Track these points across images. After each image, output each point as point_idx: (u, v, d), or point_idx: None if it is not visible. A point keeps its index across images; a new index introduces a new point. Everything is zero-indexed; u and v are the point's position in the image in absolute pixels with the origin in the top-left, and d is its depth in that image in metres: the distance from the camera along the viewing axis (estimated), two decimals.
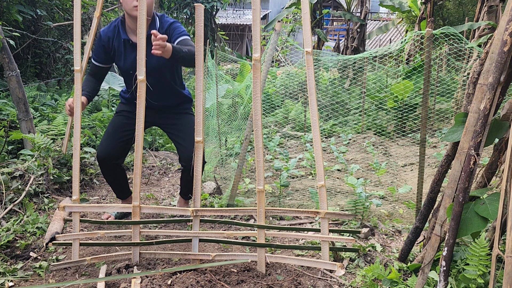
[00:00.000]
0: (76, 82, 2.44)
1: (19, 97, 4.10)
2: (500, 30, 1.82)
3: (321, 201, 2.30)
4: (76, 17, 2.38)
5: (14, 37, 5.96)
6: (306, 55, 2.26)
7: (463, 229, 1.86)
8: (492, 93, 1.78)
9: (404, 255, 2.42)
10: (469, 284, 1.89)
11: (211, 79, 6.09)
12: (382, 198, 3.79)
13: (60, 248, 2.69)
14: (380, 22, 21.23)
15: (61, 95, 7.07)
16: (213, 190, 3.87)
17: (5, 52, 4.00)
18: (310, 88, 2.26)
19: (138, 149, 2.37)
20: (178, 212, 2.49)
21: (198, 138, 2.36)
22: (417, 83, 7.06)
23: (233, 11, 20.90)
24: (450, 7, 14.86)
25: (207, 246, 2.77)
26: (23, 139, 4.21)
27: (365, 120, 7.47)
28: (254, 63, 2.25)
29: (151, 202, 3.73)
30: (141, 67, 2.37)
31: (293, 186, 4.14)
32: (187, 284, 2.19)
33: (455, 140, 2.04)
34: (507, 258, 1.59)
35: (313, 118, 2.27)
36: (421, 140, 3.04)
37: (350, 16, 11.89)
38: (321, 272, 2.38)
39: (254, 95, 2.29)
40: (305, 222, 3.18)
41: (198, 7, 2.26)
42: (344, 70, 10.18)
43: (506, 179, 1.68)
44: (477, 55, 7.48)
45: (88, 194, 3.89)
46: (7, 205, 3.14)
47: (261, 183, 2.29)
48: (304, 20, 2.27)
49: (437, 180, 2.25)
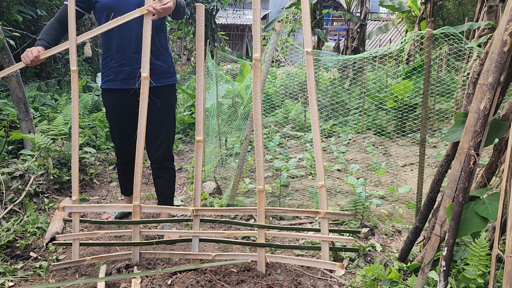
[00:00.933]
0: (73, 83, 2.42)
1: (19, 97, 4.10)
2: (500, 30, 1.82)
3: (321, 201, 2.30)
4: (71, 16, 2.37)
5: (14, 37, 5.97)
6: (306, 55, 2.26)
7: (463, 229, 1.86)
8: (492, 93, 1.78)
9: (404, 255, 2.42)
10: (469, 284, 1.89)
11: (211, 79, 6.09)
12: (382, 198, 3.79)
13: (60, 248, 2.69)
14: (380, 22, 21.23)
15: (61, 95, 7.07)
16: (213, 190, 3.87)
17: (5, 52, 4.00)
18: (310, 88, 2.26)
19: (139, 147, 2.37)
20: (178, 211, 2.49)
21: (199, 137, 2.36)
22: (417, 83, 7.06)
23: (233, 11, 20.90)
24: (450, 7, 14.85)
25: (207, 246, 2.77)
26: (23, 139, 4.21)
27: (365, 120, 7.47)
28: (254, 62, 2.26)
29: (151, 202, 3.73)
30: (146, 64, 2.37)
31: (293, 186, 4.14)
32: (187, 284, 2.19)
33: (455, 140, 2.04)
34: (507, 258, 1.60)
35: (313, 118, 2.28)
36: (421, 140, 3.04)
37: (350, 16, 11.88)
38: (321, 272, 2.38)
39: (255, 95, 2.29)
40: (305, 222, 3.18)
41: (199, 6, 2.27)
42: (344, 70, 10.18)
43: (506, 179, 1.68)
44: (477, 55, 7.48)
45: (88, 194, 3.89)
46: (7, 205, 3.15)
47: (261, 182, 2.29)
48: (304, 20, 2.27)
49: (437, 180, 2.25)
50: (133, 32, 2.62)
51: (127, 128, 2.85)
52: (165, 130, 2.79)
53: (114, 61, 2.70)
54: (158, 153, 2.80)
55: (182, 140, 6.71)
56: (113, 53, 2.69)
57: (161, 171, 2.87)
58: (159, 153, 2.80)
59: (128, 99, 2.74)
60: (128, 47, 2.65)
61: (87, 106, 6.41)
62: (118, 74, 2.71)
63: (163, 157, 2.83)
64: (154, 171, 2.90)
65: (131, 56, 2.66)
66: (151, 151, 2.85)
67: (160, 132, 2.74)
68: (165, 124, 2.78)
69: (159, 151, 2.80)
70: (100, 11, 2.67)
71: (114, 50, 2.68)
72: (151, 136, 2.78)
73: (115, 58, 2.69)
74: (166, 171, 2.88)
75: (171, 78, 2.79)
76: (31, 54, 2.43)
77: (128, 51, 2.65)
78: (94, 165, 4.35)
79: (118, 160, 3.04)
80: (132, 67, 2.67)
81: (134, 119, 2.78)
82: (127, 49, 2.65)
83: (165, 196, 2.92)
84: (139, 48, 2.60)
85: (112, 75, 2.73)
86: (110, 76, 2.74)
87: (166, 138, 2.80)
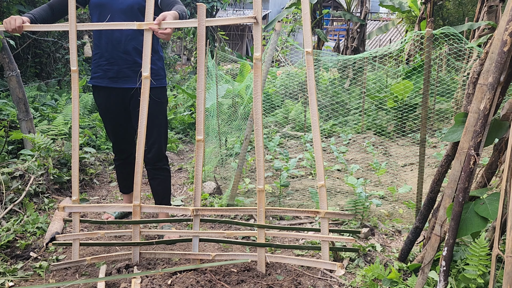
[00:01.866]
0: (74, 83, 2.41)
1: (19, 97, 4.10)
2: (500, 30, 1.82)
3: (321, 201, 2.30)
4: (71, 16, 2.37)
5: (14, 37, 5.97)
6: (306, 55, 2.26)
7: (463, 229, 1.86)
8: (492, 93, 1.78)
9: (404, 255, 2.42)
10: (469, 284, 1.89)
11: (211, 79, 6.09)
12: (382, 198, 3.79)
13: (60, 248, 2.69)
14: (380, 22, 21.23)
15: (61, 95, 7.07)
16: (213, 190, 3.87)
17: (5, 52, 4.00)
18: (310, 88, 2.26)
19: (139, 146, 2.37)
20: (178, 211, 2.49)
21: (199, 137, 2.36)
22: (417, 83, 7.06)
23: (233, 11, 20.89)
24: (450, 7, 14.85)
25: (207, 246, 2.77)
26: (23, 139, 4.21)
27: (365, 120, 7.47)
28: (255, 62, 2.25)
29: (150, 202, 3.73)
30: (146, 63, 2.37)
31: (293, 186, 4.14)
32: (187, 284, 2.19)
33: (455, 140, 2.04)
34: (507, 258, 1.60)
35: (313, 118, 2.27)
36: (421, 140, 3.04)
37: (350, 16, 11.89)
38: (321, 272, 2.38)
39: (255, 94, 2.29)
40: (305, 222, 3.18)
41: (200, 6, 2.26)
42: (344, 70, 10.18)
43: (506, 179, 1.68)
44: (477, 55, 7.48)
45: (88, 194, 3.89)
46: (7, 205, 3.14)
47: (261, 182, 2.29)
48: (304, 20, 2.27)
49: (437, 180, 2.25)
50: (123, 32, 2.62)
51: (118, 126, 2.88)
52: (156, 132, 2.78)
53: (103, 59, 2.70)
54: (150, 154, 2.80)
55: (182, 140, 6.71)
56: (102, 51, 2.69)
57: (156, 172, 2.87)
58: (151, 154, 2.80)
59: (117, 98, 2.76)
60: (117, 47, 2.65)
61: (87, 106, 6.41)
62: (107, 72, 2.71)
63: (156, 158, 2.83)
64: (148, 173, 2.90)
65: (119, 56, 2.66)
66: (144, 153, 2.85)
67: (151, 133, 2.73)
68: (156, 126, 2.78)
69: (151, 152, 2.80)
70: (93, 8, 2.68)
71: (104, 48, 2.68)
72: (150, 131, 2.77)
73: (104, 56, 2.69)
74: (160, 172, 2.88)
75: (160, 80, 2.78)
76: (15, 22, 2.37)
77: (117, 51, 2.66)
78: (94, 165, 4.35)
79: (115, 156, 3.07)
80: (120, 67, 2.68)
81: (123, 117, 2.84)
82: (116, 48, 2.65)
83: (161, 196, 2.93)
84: (128, 48, 2.65)
85: (100, 73, 2.73)
86: (98, 73, 2.75)
87: (157, 139, 2.80)
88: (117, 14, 2.61)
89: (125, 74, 2.69)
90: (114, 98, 2.77)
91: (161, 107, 2.79)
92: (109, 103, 2.80)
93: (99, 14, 2.64)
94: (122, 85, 2.71)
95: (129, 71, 2.69)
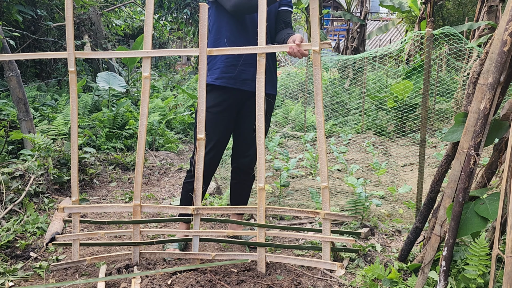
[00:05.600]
0: (71, 84, 2.36)
1: (19, 97, 4.10)
2: (500, 30, 1.82)
3: (323, 202, 2.29)
4: (68, 16, 2.35)
5: (14, 37, 5.97)
6: (313, 54, 2.20)
7: (463, 229, 1.86)
8: (492, 93, 1.78)
9: (404, 255, 2.42)
10: (469, 284, 1.89)
11: None
12: (382, 198, 3.79)
13: (60, 248, 2.69)
14: (380, 22, 21.23)
15: (61, 95, 7.07)
16: (213, 190, 3.87)
17: (5, 52, 4.00)
18: (317, 88, 2.22)
19: (140, 146, 2.37)
20: (178, 211, 2.49)
21: (200, 135, 2.36)
22: (417, 83, 7.06)
23: None
24: (450, 7, 14.86)
25: (207, 245, 2.78)
26: (23, 139, 4.21)
27: (365, 120, 7.47)
28: (258, 59, 2.25)
29: (151, 202, 3.73)
30: (146, 62, 2.36)
31: (293, 186, 4.14)
32: (187, 284, 2.19)
33: (455, 140, 2.04)
34: (507, 258, 1.60)
35: (318, 118, 2.24)
36: (421, 140, 3.04)
37: (350, 16, 11.89)
38: (321, 272, 2.38)
39: (258, 92, 2.29)
40: (305, 222, 3.18)
41: (203, 5, 2.26)
42: (344, 70, 10.18)
43: (506, 179, 1.68)
44: (477, 55, 7.48)
45: (88, 194, 3.89)
46: (7, 205, 3.15)
47: (262, 180, 2.28)
48: (312, 17, 2.19)
49: (437, 180, 2.25)
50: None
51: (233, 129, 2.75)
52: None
53: (240, 60, 2.56)
54: (248, 159, 2.74)
55: (182, 140, 6.71)
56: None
57: (246, 178, 2.82)
58: (249, 159, 2.74)
59: (243, 100, 2.65)
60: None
61: (87, 106, 6.41)
62: (241, 73, 2.58)
63: (253, 164, 2.78)
64: (236, 176, 2.82)
65: (255, 59, 2.44)
66: (240, 157, 2.77)
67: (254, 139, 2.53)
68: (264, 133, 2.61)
69: (249, 157, 2.74)
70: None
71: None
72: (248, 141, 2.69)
73: (241, 56, 2.55)
74: (251, 178, 2.84)
75: (274, 88, 2.77)
76: None
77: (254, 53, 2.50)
78: (94, 165, 4.35)
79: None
80: (255, 69, 2.44)
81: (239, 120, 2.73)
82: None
83: (245, 199, 2.90)
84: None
85: (233, 73, 2.57)
86: (230, 73, 2.57)
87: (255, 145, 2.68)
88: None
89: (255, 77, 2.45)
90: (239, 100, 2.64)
91: (271, 114, 2.77)
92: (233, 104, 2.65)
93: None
94: (252, 89, 2.51)
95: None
